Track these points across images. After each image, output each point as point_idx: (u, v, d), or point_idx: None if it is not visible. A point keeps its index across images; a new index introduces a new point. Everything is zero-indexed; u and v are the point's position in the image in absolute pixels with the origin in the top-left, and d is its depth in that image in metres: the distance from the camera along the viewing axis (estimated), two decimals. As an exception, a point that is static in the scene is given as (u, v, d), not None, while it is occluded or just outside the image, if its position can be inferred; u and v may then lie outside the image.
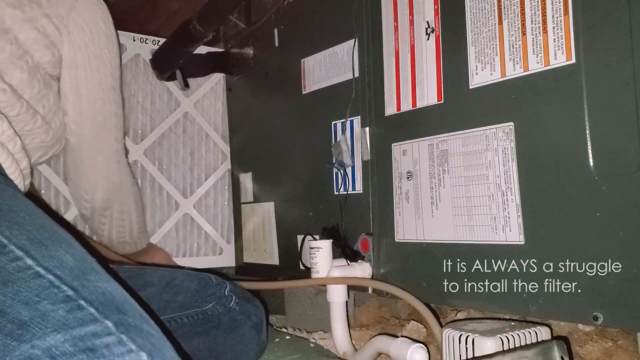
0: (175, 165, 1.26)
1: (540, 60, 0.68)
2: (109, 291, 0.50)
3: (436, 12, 0.80)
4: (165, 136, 1.25)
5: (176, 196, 1.26)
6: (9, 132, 0.75)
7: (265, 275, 1.16)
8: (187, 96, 1.28)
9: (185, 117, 1.28)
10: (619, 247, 0.61)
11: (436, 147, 0.80)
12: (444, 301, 0.81)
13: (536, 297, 0.68)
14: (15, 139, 0.76)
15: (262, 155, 1.20)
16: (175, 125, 1.27)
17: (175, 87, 1.27)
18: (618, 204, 0.61)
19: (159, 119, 1.24)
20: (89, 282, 0.50)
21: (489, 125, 0.73)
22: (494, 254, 0.72)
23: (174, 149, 1.26)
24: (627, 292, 0.60)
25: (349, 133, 0.95)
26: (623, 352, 0.67)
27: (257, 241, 1.21)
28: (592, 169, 0.63)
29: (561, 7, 0.66)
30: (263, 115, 1.20)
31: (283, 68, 1.11)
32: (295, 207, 1.08)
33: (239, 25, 1.27)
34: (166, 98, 1.26)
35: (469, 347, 0.65)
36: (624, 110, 0.60)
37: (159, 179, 1.24)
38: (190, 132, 1.28)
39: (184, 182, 1.28)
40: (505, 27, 0.72)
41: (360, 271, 0.89)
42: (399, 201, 0.85)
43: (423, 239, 0.82)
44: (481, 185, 0.74)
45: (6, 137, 0.75)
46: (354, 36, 0.93)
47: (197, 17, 1.04)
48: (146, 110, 1.23)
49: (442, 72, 0.79)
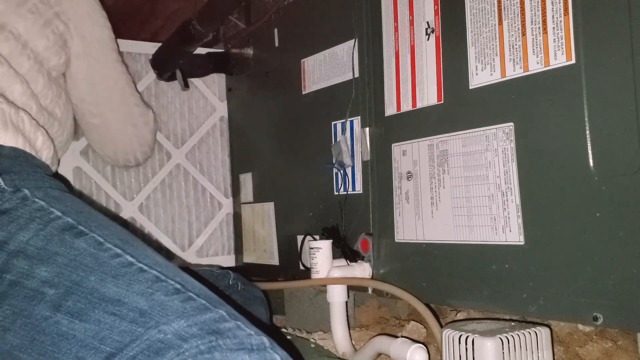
0: (215, 167, 1.32)
1: (540, 61, 0.68)
2: (203, 286, 0.55)
3: (436, 13, 0.80)
4: (204, 140, 1.31)
5: (218, 196, 1.32)
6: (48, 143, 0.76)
7: (265, 276, 1.16)
8: (221, 100, 1.33)
9: (222, 121, 1.33)
10: (619, 247, 0.61)
11: (436, 148, 0.80)
12: (444, 301, 0.81)
13: (536, 297, 0.68)
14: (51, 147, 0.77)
15: (262, 155, 1.20)
16: (213, 129, 1.33)
17: (211, 93, 1.32)
18: (618, 204, 0.61)
19: (197, 124, 1.30)
20: (184, 278, 0.55)
21: (489, 126, 0.73)
22: (494, 255, 0.72)
23: (213, 151, 1.32)
24: (627, 292, 0.60)
25: (349, 133, 0.95)
26: (623, 352, 0.67)
27: (257, 241, 1.21)
28: (592, 169, 0.63)
29: (561, 8, 0.66)
30: (263, 115, 1.20)
31: (283, 68, 1.11)
32: (295, 207, 1.08)
33: (239, 25, 1.27)
34: (202, 103, 1.32)
35: (468, 348, 0.65)
36: (624, 110, 0.60)
37: (201, 181, 1.30)
38: (227, 135, 1.33)
39: (224, 183, 1.33)
40: (505, 28, 0.72)
41: (360, 271, 0.89)
42: (399, 201, 0.85)
43: (423, 239, 0.82)
44: (481, 186, 0.74)
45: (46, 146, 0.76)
46: (354, 36, 0.93)
47: (197, 17, 1.04)
48: (184, 116, 1.29)
49: (442, 72, 0.79)
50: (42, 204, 0.60)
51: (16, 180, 0.62)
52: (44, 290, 0.52)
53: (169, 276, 0.54)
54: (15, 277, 0.53)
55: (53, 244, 0.55)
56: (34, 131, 0.73)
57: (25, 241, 0.55)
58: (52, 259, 0.54)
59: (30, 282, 0.53)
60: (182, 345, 0.47)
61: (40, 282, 0.53)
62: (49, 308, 0.51)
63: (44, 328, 0.51)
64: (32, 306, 0.52)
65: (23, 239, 0.56)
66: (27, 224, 0.57)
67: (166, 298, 0.51)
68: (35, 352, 0.51)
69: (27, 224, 0.57)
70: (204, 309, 0.50)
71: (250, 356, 0.47)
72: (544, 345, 0.67)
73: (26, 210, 0.58)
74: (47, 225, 0.57)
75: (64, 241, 0.56)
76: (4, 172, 0.61)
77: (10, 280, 0.53)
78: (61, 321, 0.51)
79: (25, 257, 0.54)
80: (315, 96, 1.03)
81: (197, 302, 0.51)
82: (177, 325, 0.48)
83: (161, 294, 0.52)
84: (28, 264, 0.54)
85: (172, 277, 0.54)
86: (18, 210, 0.58)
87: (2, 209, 0.58)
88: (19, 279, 0.53)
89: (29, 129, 0.72)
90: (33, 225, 0.57)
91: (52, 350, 0.50)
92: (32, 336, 0.51)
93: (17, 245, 0.55)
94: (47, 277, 0.53)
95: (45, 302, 0.52)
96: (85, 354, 0.49)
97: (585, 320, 0.65)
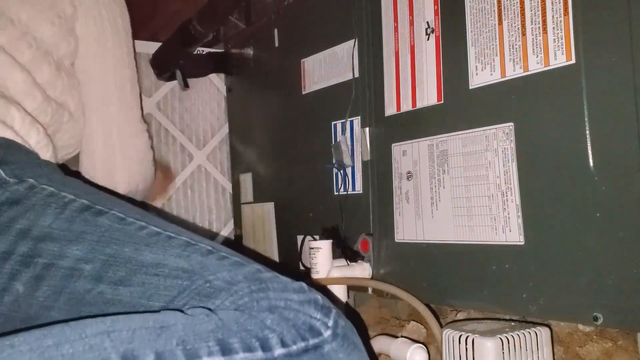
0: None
1: (540, 61, 0.68)
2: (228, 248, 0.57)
3: (436, 13, 0.80)
4: (225, 141, 1.34)
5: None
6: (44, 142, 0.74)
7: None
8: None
9: None
10: (619, 247, 0.61)
11: (436, 148, 0.80)
12: (444, 301, 0.81)
13: (536, 297, 0.68)
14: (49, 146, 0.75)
15: (262, 156, 1.20)
16: None
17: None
18: (618, 204, 0.61)
19: (218, 125, 1.34)
20: (211, 242, 0.57)
21: (489, 126, 0.73)
22: (494, 255, 0.72)
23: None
24: (627, 292, 0.60)
25: (349, 133, 0.95)
26: (623, 352, 0.67)
27: (257, 241, 1.21)
28: (592, 169, 0.63)
29: (561, 8, 0.66)
30: (263, 116, 1.20)
31: (283, 68, 1.11)
32: (295, 207, 1.08)
33: (239, 25, 1.27)
34: (224, 105, 1.34)
35: (469, 348, 0.65)
36: (624, 110, 0.60)
37: (221, 182, 1.33)
38: None
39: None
40: (505, 28, 0.72)
41: (360, 271, 0.89)
42: (399, 201, 0.85)
43: (423, 240, 0.82)
44: (481, 186, 0.74)
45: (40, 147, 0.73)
46: (354, 36, 0.93)
47: (197, 17, 1.04)
48: (206, 118, 1.32)
49: (442, 72, 0.79)
50: (52, 189, 0.60)
51: (15, 170, 0.62)
52: (80, 267, 0.53)
53: (197, 240, 0.56)
54: (48, 259, 0.54)
55: (77, 224, 0.56)
56: (27, 129, 0.71)
57: (47, 225, 0.56)
58: (81, 237, 0.55)
59: (64, 261, 0.54)
60: (233, 288, 0.48)
61: (74, 260, 0.54)
62: (90, 281, 0.53)
63: (88, 300, 0.52)
64: (72, 283, 0.53)
65: (45, 223, 0.56)
66: (44, 210, 0.57)
67: (202, 258, 0.53)
68: None
69: (43, 209, 0.57)
70: (240, 264, 0.53)
71: (298, 295, 0.49)
72: (544, 345, 0.67)
73: (38, 198, 0.59)
74: (65, 208, 0.58)
75: (87, 220, 0.57)
76: (2, 163, 0.61)
77: (44, 263, 0.54)
78: (105, 290, 0.52)
79: (53, 240, 0.55)
80: (315, 96, 1.03)
81: (232, 259, 0.53)
82: (222, 275, 0.50)
83: (197, 255, 0.53)
84: (58, 245, 0.55)
85: (201, 241, 0.56)
86: (30, 199, 0.58)
87: (13, 199, 0.58)
88: (52, 261, 0.54)
89: (19, 127, 0.70)
90: (50, 210, 0.57)
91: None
92: (78, 309, 0.52)
93: (41, 230, 0.56)
94: (80, 255, 0.54)
95: (85, 277, 0.53)
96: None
97: (585, 320, 0.65)
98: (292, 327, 0.46)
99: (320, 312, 0.48)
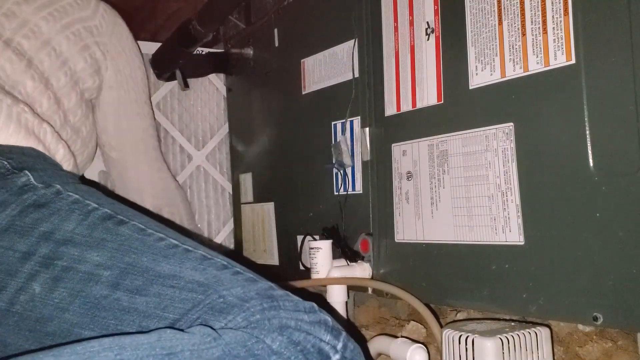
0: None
1: (540, 61, 0.68)
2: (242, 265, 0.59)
3: (436, 13, 0.80)
4: (224, 141, 1.34)
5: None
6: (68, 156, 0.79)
7: (264, 276, 1.15)
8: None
9: None
10: (619, 247, 0.61)
11: (436, 148, 0.80)
12: (444, 301, 0.81)
13: (536, 298, 0.68)
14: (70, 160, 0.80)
15: (262, 155, 1.20)
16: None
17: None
18: (618, 204, 0.61)
19: (217, 126, 1.34)
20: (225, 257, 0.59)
21: (489, 126, 0.73)
22: (493, 255, 0.72)
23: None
24: (627, 292, 0.60)
25: (349, 133, 0.95)
26: (623, 352, 0.67)
27: (257, 241, 1.21)
28: (592, 169, 0.63)
29: (561, 8, 0.66)
30: (263, 116, 1.20)
31: (283, 68, 1.11)
32: (295, 207, 1.08)
33: (239, 25, 1.27)
34: (223, 105, 1.34)
35: (468, 348, 0.65)
36: (624, 110, 0.60)
37: (221, 182, 1.34)
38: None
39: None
40: (505, 28, 0.72)
41: (360, 271, 0.89)
42: (399, 201, 0.85)
43: (423, 240, 0.82)
44: (481, 186, 0.74)
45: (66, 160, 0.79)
46: (354, 36, 0.93)
47: (197, 17, 1.04)
48: (205, 118, 1.33)
49: (442, 72, 0.79)
50: (77, 196, 0.62)
51: (44, 176, 0.64)
52: (99, 272, 0.55)
53: (213, 255, 0.58)
54: (67, 262, 0.56)
55: (98, 232, 0.58)
56: (55, 143, 0.76)
57: (70, 230, 0.58)
58: (101, 244, 0.57)
59: (83, 266, 0.55)
60: (245, 304, 0.50)
61: (93, 265, 0.55)
62: (107, 287, 0.54)
63: (104, 305, 0.53)
64: (89, 287, 0.54)
65: (68, 228, 0.58)
66: (68, 215, 0.59)
67: (218, 272, 0.55)
68: (98, 327, 0.53)
69: (68, 215, 0.59)
70: (254, 280, 0.54)
71: (308, 316, 0.50)
72: (544, 345, 0.67)
73: (64, 203, 0.61)
74: (88, 216, 0.60)
75: (108, 229, 0.58)
76: (32, 170, 0.64)
77: (63, 266, 0.56)
78: (121, 297, 0.53)
79: (74, 245, 0.57)
80: (315, 96, 1.03)
81: (245, 275, 0.55)
82: (235, 291, 0.51)
83: (213, 269, 0.55)
84: (78, 250, 0.56)
85: (216, 256, 0.58)
86: (56, 204, 0.60)
87: (40, 202, 0.60)
88: (71, 264, 0.56)
89: (49, 140, 0.75)
90: (74, 216, 0.59)
91: (115, 324, 0.53)
92: (92, 313, 0.53)
93: (63, 234, 0.58)
94: (99, 260, 0.56)
95: (102, 282, 0.54)
96: (149, 323, 0.51)
97: (585, 320, 0.65)
98: (299, 353, 0.46)
99: (330, 334, 0.49)
